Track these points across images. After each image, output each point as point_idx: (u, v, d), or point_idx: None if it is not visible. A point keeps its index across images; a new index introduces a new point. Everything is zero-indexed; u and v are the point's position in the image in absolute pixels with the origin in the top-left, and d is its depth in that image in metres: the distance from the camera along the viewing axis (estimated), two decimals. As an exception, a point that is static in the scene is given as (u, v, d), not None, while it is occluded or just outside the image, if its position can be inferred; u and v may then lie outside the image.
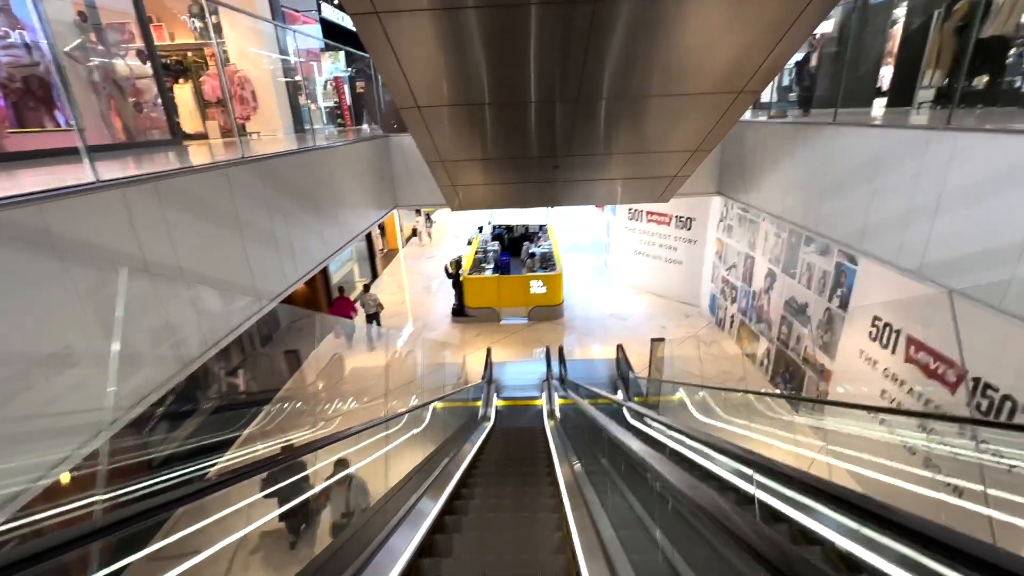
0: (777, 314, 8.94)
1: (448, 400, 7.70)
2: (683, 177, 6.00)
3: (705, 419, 7.70)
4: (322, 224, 4.91)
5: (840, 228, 4.55)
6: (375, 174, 6.71)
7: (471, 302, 12.56)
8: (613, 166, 5.67)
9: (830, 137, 4.60)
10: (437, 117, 4.17)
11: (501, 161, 5.35)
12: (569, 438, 6.93)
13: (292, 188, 4.33)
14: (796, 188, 5.29)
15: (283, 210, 4.07)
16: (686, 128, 4.60)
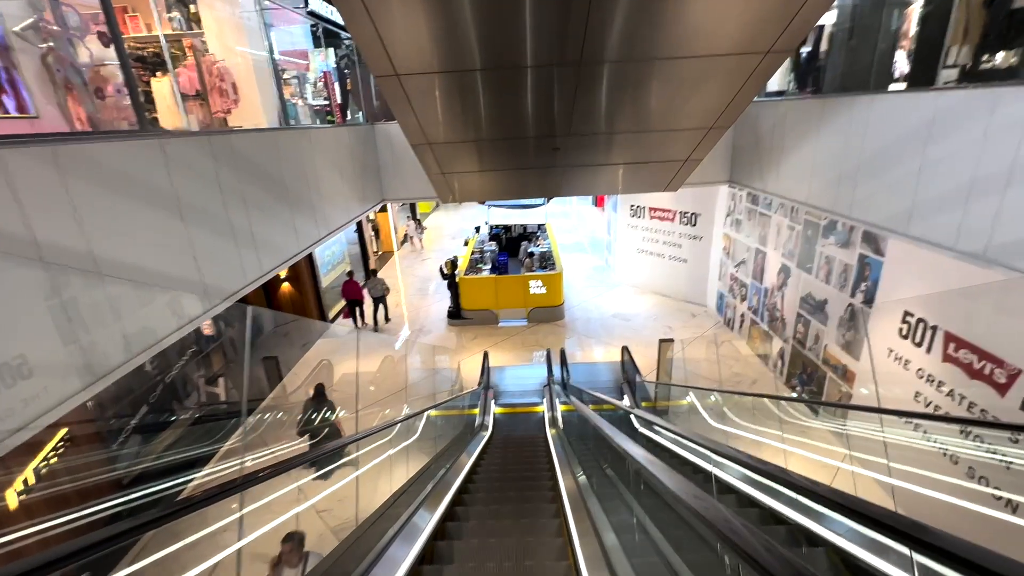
0: (792, 312, 8.40)
1: (443, 408, 7.15)
2: (695, 161, 5.47)
3: (719, 425, 7.16)
4: (294, 215, 4.36)
5: (879, 210, 4.02)
6: (359, 164, 6.18)
7: (467, 304, 12.01)
8: (618, 148, 5.14)
9: (867, 107, 4.07)
10: (420, 88, 3.64)
11: (495, 144, 4.82)
12: (574, 449, 6.39)
13: (256, 171, 3.79)
14: (824, 169, 4.76)
15: (242, 195, 3.52)
16: (702, 99, 4.07)
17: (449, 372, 8.85)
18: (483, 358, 8.77)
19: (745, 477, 4.15)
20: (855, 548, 2.58)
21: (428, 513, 4.26)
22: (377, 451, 5.51)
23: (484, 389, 8.27)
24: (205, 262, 3.03)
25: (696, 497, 1.56)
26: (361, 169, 6.25)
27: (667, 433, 5.69)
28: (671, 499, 1.77)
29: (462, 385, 8.82)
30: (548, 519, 4.43)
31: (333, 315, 13.12)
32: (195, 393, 8.55)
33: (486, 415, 7.80)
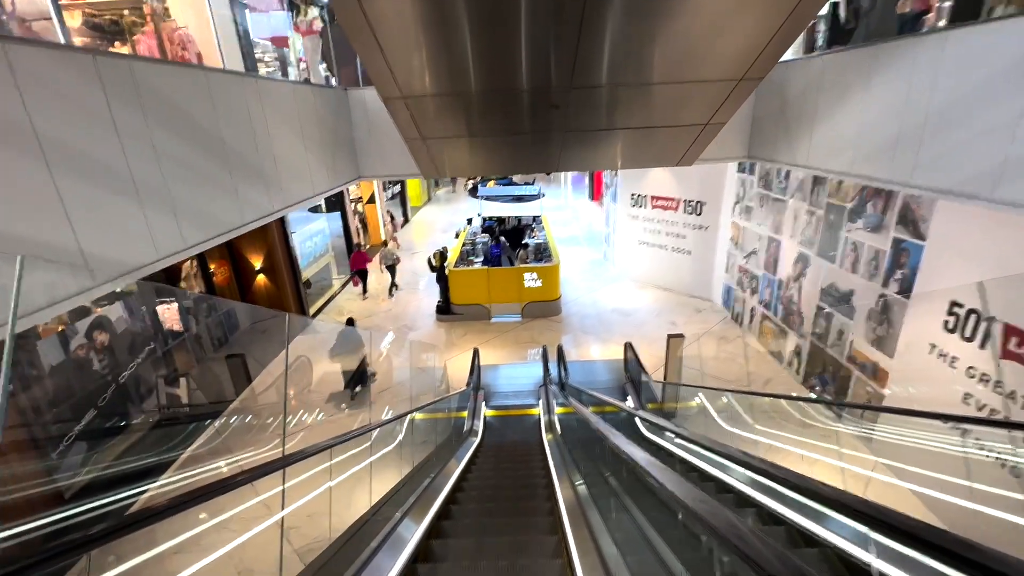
0: (811, 305, 7.68)
1: (427, 411, 6.37)
2: (716, 127, 4.72)
3: (734, 429, 6.44)
4: (237, 180, 3.56)
5: (953, 173, 3.28)
6: (328, 133, 5.37)
7: (458, 298, 11.23)
8: (627, 109, 4.37)
9: (938, 47, 3.33)
10: (384, 13, 2.85)
11: (485, 99, 4.04)
12: (573, 457, 5.64)
13: (177, 117, 2.99)
14: (874, 131, 4.02)
15: (152, 144, 2.72)
16: (733, 38, 3.32)
17: (435, 372, 8.07)
18: (473, 356, 7.99)
19: (785, 499, 3.42)
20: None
21: (409, 531, 3.53)
22: (351, 461, 4.76)
23: (474, 390, 7.49)
24: (85, 224, 2.23)
25: (730, 525, 1.25)
26: (332, 139, 5.45)
27: (685, 442, 4.96)
28: (690, 519, 1.59)
29: (448, 386, 8.04)
30: (544, 537, 3.69)
31: (315, 310, 12.29)
32: (153, 395, 7.72)
33: (476, 419, 7.03)
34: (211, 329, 10.20)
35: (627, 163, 5.56)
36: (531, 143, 4.99)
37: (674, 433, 4.75)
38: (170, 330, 9.41)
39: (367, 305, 12.69)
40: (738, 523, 1.24)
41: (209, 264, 9.82)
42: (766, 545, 1.11)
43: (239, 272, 10.44)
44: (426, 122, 4.33)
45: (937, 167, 3.40)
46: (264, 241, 10.23)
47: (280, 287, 10.61)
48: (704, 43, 3.47)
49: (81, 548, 1.25)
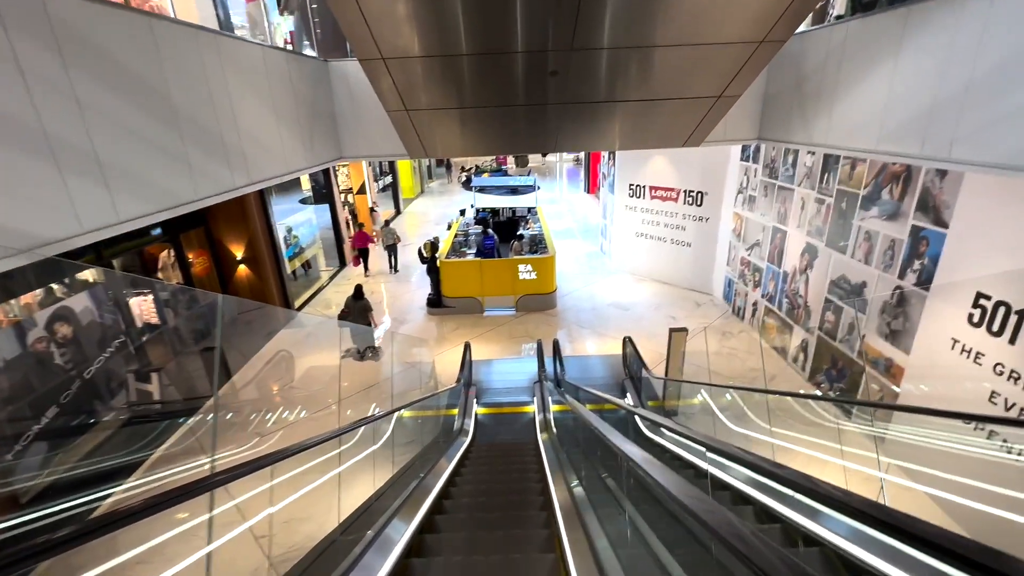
0: (819, 298, 7.33)
1: (413, 410, 5.97)
2: (729, 100, 4.31)
3: (740, 429, 6.11)
4: (190, 148, 3.12)
5: (1000, 145, 2.90)
6: (306, 107, 4.92)
7: (449, 290, 10.80)
8: (632, 79, 3.96)
9: (986, 3, 2.93)
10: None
11: (475, 64, 3.61)
12: (570, 459, 5.27)
13: (114, 70, 2.54)
14: (905, 103, 3.63)
15: (77, 97, 2.28)
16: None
17: (424, 367, 7.66)
18: (464, 350, 7.58)
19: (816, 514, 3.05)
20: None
21: (391, 542, 3.13)
22: (330, 464, 4.36)
23: (465, 387, 7.09)
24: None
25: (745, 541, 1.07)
26: (309, 114, 5.00)
27: (693, 444, 4.59)
28: (707, 536, 1.43)
29: (437, 382, 7.63)
30: (540, 552, 3.31)
31: (301, 303, 11.83)
32: (123, 391, 7.25)
33: (466, 417, 6.63)
34: (192, 321, 9.74)
35: (629, 142, 5.15)
36: (526, 118, 4.57)
37: (682, 435, 4.38)
38: (147, 323, 8.95)
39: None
40: (766, 547, 1.04)
41: (187, 254, 9.32)
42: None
43: (219, 262, 9.95)
44: (410, 90, 3.89)
45: (981, 139, 3.02)
46: (246, 230, 9.74)
47: (263, 278, 10.14)
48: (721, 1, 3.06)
49: (31, 559, 1.10)
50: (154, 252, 9.96)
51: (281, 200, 11.64)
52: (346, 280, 13.60)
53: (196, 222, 9.41)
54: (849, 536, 2.72)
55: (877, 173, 6.03)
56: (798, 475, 2.16)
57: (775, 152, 8.34)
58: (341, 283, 13.41)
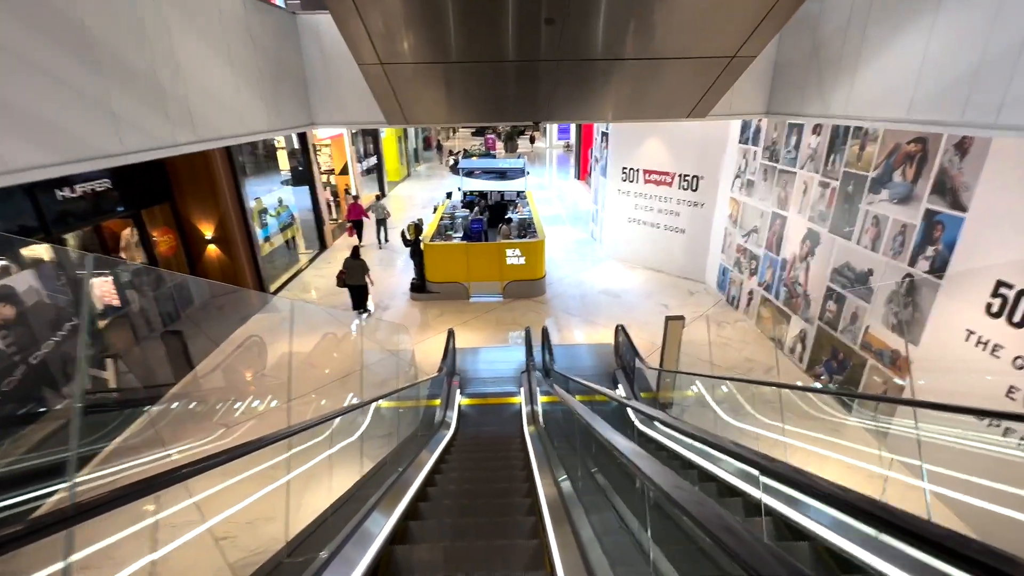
0: (820, 287, 7.02)
1: (391, 401, 5.54)
2: (743, 63, 3.88)
3: (735, 422, 5.80)
4: (120, 95, 2.60)
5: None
6: (269, 62, 4.37)
7: (434, 275, 10.32)
8: (637, 30, 3.50)
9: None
10: None
11: (461, 6, 3.11)
12: (559, 455, 4.91)
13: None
14: (942, 65, 3.24)
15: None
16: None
17: (403, 355, 7.20)
18: (447, 337, 7.14)
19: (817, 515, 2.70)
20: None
21: (363, 545, 2.73)
22: (299, 459, 3.92)
23: (448, 376, 6.66)
24: None
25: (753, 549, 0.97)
26: (273, 71, 4.45)
27: (688, 439, 4.23)
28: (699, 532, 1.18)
29: (417, 372, 7.19)
30: (525, 555, 2.94)
31: (277, 286, 11.25)
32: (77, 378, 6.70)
33: (449, 409, 6.21)
34: (160, 304, 9.14)
35: (627, 113, 4.71)
36: (517, 80, 4.09)
37: (677, 429, 4.01)
38: (107, 305, 8.35)
39: (333, 282, 11.69)
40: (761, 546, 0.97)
41: (151, 232, 8.70)
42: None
43: (187, 242, 9.33)
44: (385, 38, 3.39)
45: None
46: (215, 208, 9.12)
47: (234, 259, 9.55)
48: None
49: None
50: (114, 229, 9.30)
51: (259, 181, 11.00)
52: (327, 263, 13.03)
53: (160, 197, 8.77)
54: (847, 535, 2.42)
55: (889, 153, 5.67)
56: (795, 470, 1.84)
57: (777, 133, 7.97)
58: (321, 266, 12.84)
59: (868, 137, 5.98)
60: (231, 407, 6.83)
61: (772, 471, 2.27)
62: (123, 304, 8.46)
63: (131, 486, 1.46)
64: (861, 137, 6.11)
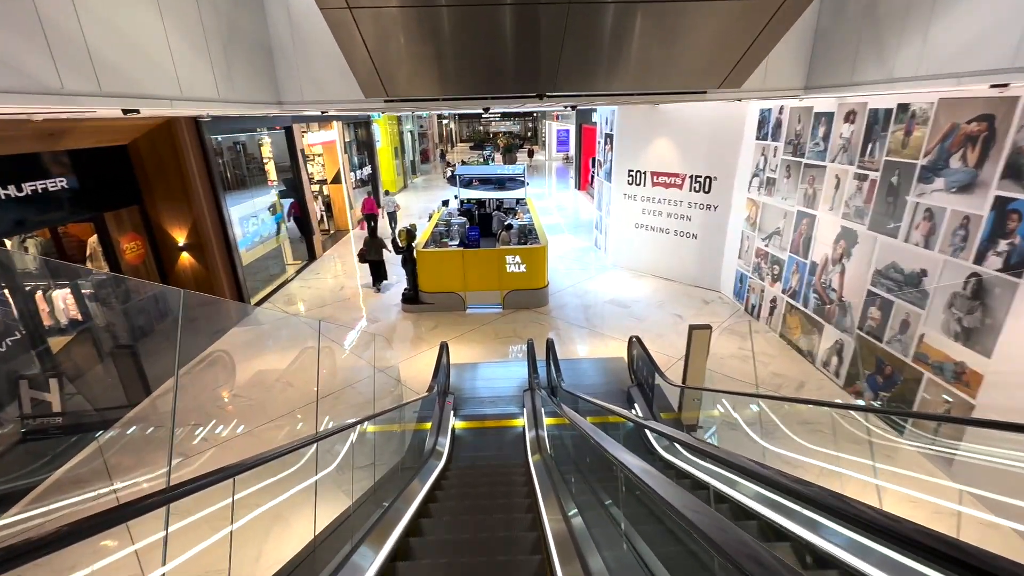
0: (858, 291, 6.25)
1: (374, 425, 4.72)
2: (791, 15, 3.15)
3: (770, 446, 4.99)
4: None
5: None
6: (220, 21, 3.66)
7: (427, 285, 9.54)
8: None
9: None
10: None
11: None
12: (569, 489, 4.10)
13: None
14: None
15: None
16: None
17: (388, 372, 6.38)
18: (439, 352, 6.32)
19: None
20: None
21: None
22: (261, 496, 3.13)
23: (439, 395, 5.83)
24: None
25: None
26: (226, 33, 3.73)
27: (741, 476, 3.41)
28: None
29: (403, 392, 6.36)
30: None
31: (259, 298, 10.46)
32: (16, 401, 5.87)
33: (440, 435, 5.37)
34: (130, 317, 8.33)
35: (648, 81, 3.99)
36: (516, 38, 3.37)
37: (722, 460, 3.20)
38: (72, 320, 7.56)
39: (321, 294, 10.91)
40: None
41: (117, 237, 7.94)
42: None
43: (157, 249, 8.57)
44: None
45: None
46: (189, 212, 8.38)
47: (210, 268, 8.77)
48: None
49: None
50: (80, 236, 8.54)
51: (246, 191, 10.30)
52: (315, 274, 12.27)
53: (127, 199, 8.03)
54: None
55: (944, 136, 4.95)
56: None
57: (801, 125, 7.27)
58: (309, 277, 12.07)
59: (916, 120, 5.27)
60: (191, 433, 5.99)
61: (853, 515, 1.55)
62: (85, 318, 7.66)
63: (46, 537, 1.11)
64: (906, 120, 5.40)
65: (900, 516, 1.34)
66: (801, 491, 1.88)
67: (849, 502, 1.65)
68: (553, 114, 31.36)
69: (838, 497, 1.72)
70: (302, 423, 5.93)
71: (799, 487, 1.90)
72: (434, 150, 37.14)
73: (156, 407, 6.37)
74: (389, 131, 23.70)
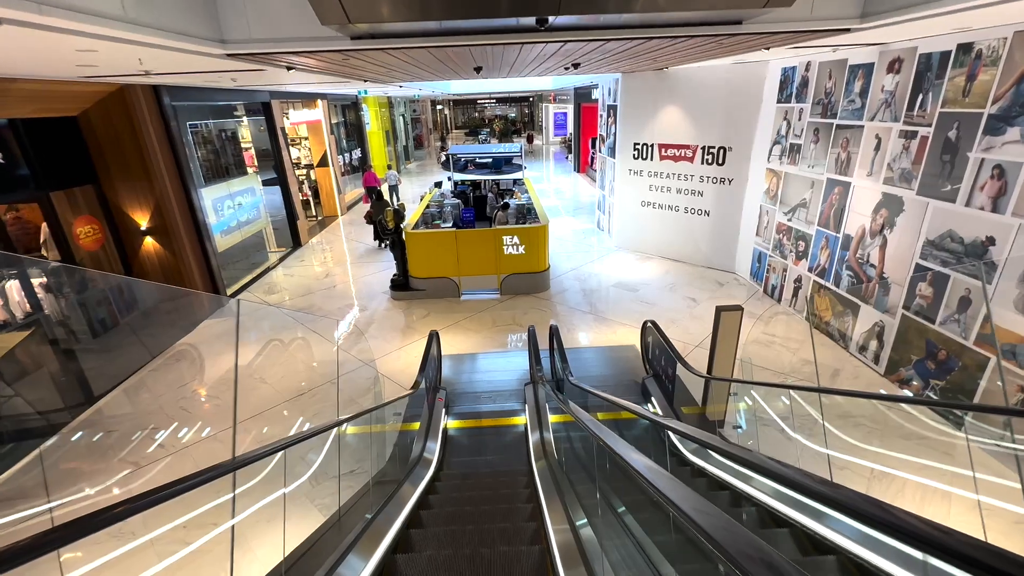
0: (902, 266, 5.50)
1: (354, 425, 3.98)
2: None
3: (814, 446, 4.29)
4: None
5: None
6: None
7: (418, 269, 8.77)
8: None
9: None
10: None
11: None
12: (579, 499, 3.41)
13: None
14: None
15: None
16: None
17: (364, 370, 5.64)
18: (428, 341, 5.57)
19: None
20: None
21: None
22: (215, 516, 2.42)
23: (429, 391, 5.08)
24: None
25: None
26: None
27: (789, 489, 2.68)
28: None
29: (383, 390, 5.61)
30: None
31: (237, 287, 9.68)
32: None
33: (429, 438, 4.64)
34: (92, 307, 7.56)
35: (679, 3, 3.18)
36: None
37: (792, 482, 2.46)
38: (27, 313, 6.79)
39: (305, 282, 10.13)
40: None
41: (70, 221, 7.13)
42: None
43: (118, 234, 7.77)
44: None
45: None
46: (151, 192, 7.56)
47: (178, 254, 7.97)
48: None
49: None
50: (33, 220, 7.72)
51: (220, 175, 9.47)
52: (299, 261, 11.49)
53: (80, 178, 7.21)
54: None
55: (1020, 76, 4.17)
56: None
57: (833, 81, 6.47)
58: (292, 264, 11.29)
59: (982, 61, 4.48)
60: (148, 438, 5.25)
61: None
62: (34, 310, 6.88)
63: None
64: (969, 63, 4.61)
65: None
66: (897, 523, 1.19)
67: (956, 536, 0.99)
68: (550, 95, 30.34)
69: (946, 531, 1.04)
70: (266, 429, 5.20)
71: (892, 517, 1.21)
72: (428, 135, 36.19)
73: (103, 411, 5.62)
74: (380, 115, 22.77)
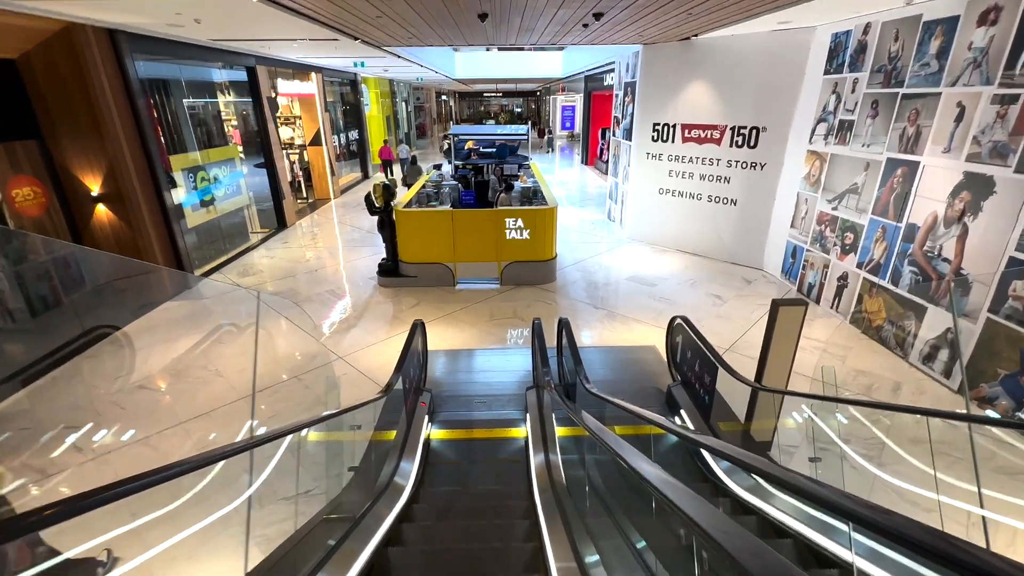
0: (991, 260, 4.53)
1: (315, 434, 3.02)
2: None
3: (884, 475, 3.32)
4: None
5: None
6: None
7: (409, 254, 7.80)
8: None
9: None
10: None
11: None
12: (595, 542, 2.42)
13: None
14: None
15: None
16: None
17: (321, 371, 4.67)
18: (411, 333, 4.58)
19: None
20: None
21: None
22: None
23: (407, 395, 4.10)
24: None
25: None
26: None
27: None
28: None
29: (339, 395, 4.63)
30: None
31: (210, 268, 8.72)
32: None
33: (404, 456, 3.66)
34: (33, 281, 6.59)
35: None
36: None
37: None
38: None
39: (288, 265, 9.16)
40: None
41: (4, 180, 6.16)
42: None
43: (65, 198, 6.79)
44: None
45: None
46: (103, 152, 6.58)
47: (135, 226, 7.00)
48: None
49: None
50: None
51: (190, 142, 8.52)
52: (283, 243, 10.52)
53: (17, 132, 6.24)
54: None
55: None
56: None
57: (899, 43, 5.49)
58: (274, 246, 10.33)
59: None
60: (56, 440, 4.28)
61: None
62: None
63: None
64: (1105, 2, 3.64)
65: None
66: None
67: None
68: (559, 86, 29.33)
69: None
70: (215, 434, 4.23)
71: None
72: (431, 125, 35.36)
73: (25, 402, 4.65)
74: (381, 101, 21.78)
